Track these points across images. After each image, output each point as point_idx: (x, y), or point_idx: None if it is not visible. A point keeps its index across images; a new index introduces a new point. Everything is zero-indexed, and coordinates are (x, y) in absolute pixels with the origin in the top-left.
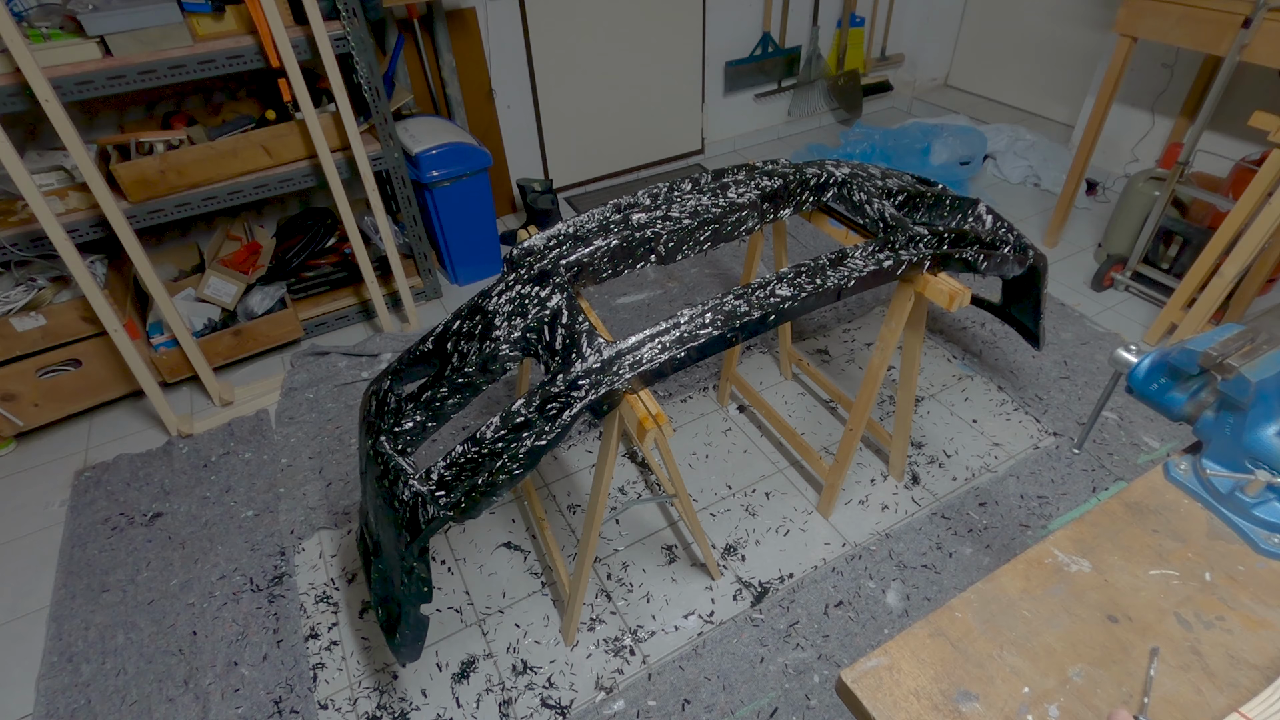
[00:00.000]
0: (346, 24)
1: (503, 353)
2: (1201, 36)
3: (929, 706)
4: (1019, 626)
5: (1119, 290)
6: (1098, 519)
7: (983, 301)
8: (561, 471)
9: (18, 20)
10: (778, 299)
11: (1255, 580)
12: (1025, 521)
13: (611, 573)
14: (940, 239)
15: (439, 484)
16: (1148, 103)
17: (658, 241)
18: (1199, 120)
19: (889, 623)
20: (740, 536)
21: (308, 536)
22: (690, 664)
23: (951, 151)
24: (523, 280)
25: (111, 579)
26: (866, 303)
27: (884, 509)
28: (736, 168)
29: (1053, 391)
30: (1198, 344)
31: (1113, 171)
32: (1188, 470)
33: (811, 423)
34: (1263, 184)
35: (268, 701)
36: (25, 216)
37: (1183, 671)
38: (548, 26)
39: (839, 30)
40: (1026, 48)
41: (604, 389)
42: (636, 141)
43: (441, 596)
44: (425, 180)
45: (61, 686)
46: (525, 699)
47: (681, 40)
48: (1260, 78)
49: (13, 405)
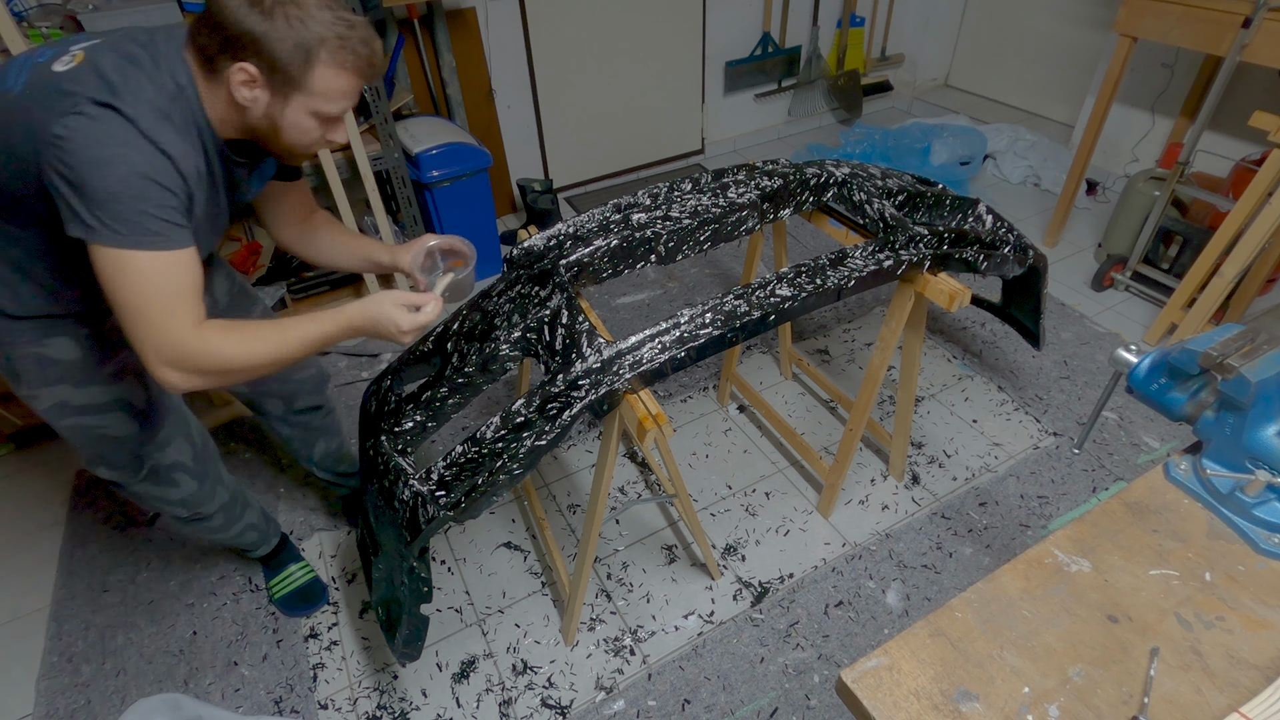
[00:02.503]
0: None
1: (503, 353)
2: (1201, 36)
3: (929, 706)
4: (1019, 626)
5: (1119, 290)
6: (1098, 519)
7: (983, 301)
8: (561, 471)
9: (18, 20)
10: (778, 299)
11: (1255, 580)
12: (1025, 521)
13: (611, 573)
14: (940, 239)
15: (439, 484)
16: (1148, 103)
17: (658, 241)
18: (1199, 120)
19: (889, 623)
20: (740, 536)
21: (307, 537)
22: (690, 664)
23: (951, 151)
24: (523, 280)
25: (111, 579)
26: (866, 303)
27: (884, 509)
28: (736, 168)
29: (1053, 391)
30: (1198, 344)
31: (1113, 171)
32: (1188, 470)
33: (811, 423)
34: (1263, 184)
35: (268, 701)
36: None
37: (1183, 671)
38: (548, 26)
39: (839, 30)
40: (1026, 48)
41: (604, 389)
42: (636, 141)
43: (441, 596)
44: (425, 180)
45: (61, 686)
46: (525, 699)
47: (681, 40)
48: (1260, 78)
49: (13, 405)
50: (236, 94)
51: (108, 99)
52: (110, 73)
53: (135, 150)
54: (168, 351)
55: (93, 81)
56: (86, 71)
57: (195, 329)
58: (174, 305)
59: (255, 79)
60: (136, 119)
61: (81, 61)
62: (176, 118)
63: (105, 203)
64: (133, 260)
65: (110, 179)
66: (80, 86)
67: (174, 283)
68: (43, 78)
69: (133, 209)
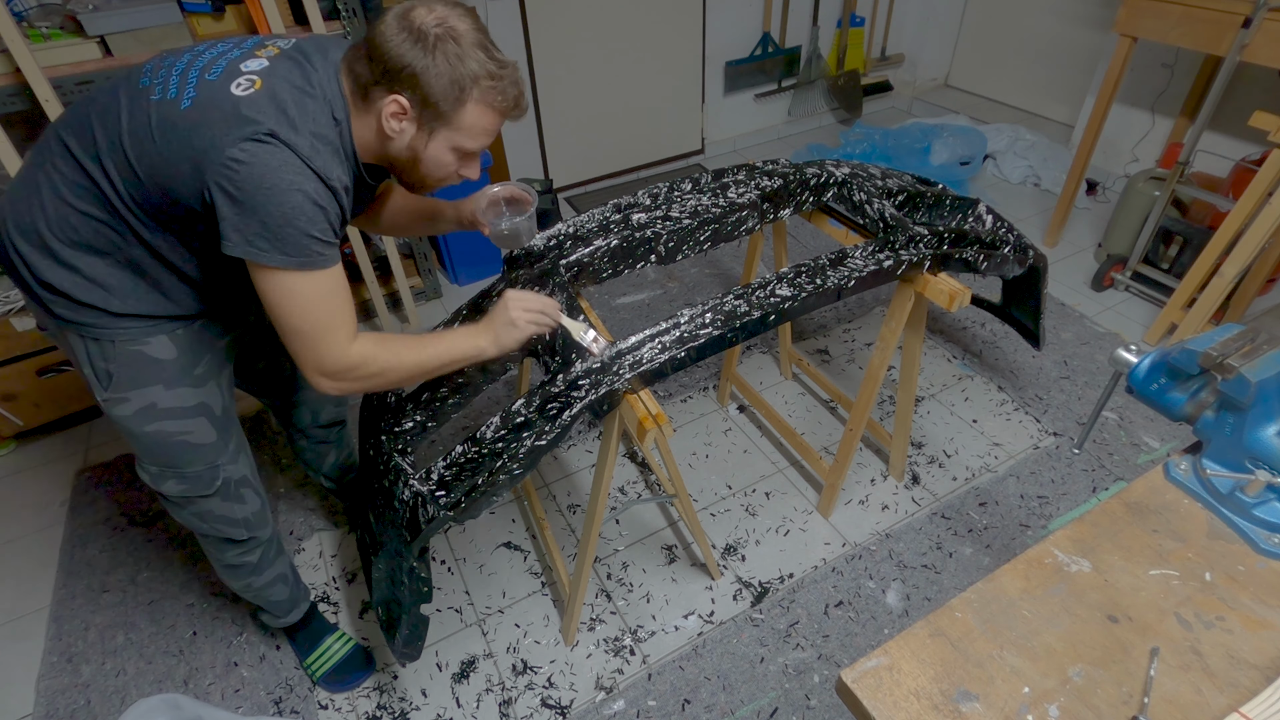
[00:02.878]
0: (346, 24)
1: None
2: (1201, 36)
3: (929, 706)
4: (1019, 626)
5: (1119, 290)
6: (1098, 519)
7: (983, 301)
8: (561, 471)
9: (18, 20)
10: (778, 299)
11: (1255, 580)
12: (1025, 521)
13: (611, 573)
14: (940, 239)
15: (439, 484)
16: (1148, 103)
17: (658, 241)
18: (1199, 120)
19: (889, 623)
20: (740, 536)
21: (307, 537)
22: (690, 664)
23: (951, 151)
24: (523, 280)
25: (111, 579)
26: (866, 303)
27: (884, 509)
28: (736, 168)
29: (1053, 391)
30: (1198, 344)
31: (1113, 171)
32: (1188, 470)
33: (811, 423)
34: (1263, 184)
35: (268, 702)
36: None
37: (1183, 671)
38: (548, 26)
39: (839, 30)
40: (1026, 48)
41: (604, 389)
42: (636, 141)
43: (441, 596)
44: None
45: (61, 686)
46: (525, 699)
47: (681, 40)
48: (1260, 78)
49: (13, 405)
50: (385, 124)
51: (287, 133)
52: (290, 106)
53: (306, 180)
54: (329, 364)
55: (273, 112)
56: (266, 101)
57: (351, 342)
58: (333, 321)
59: (406, 111)
60: (309, 154)
61: (260, 89)
62: (336, 147)
63: (277, 228)
64: (299, 281)
65: (285, 206)
66: (261, 115)
67: (333, 299)
68: (218, 97)
69: (301, 232)
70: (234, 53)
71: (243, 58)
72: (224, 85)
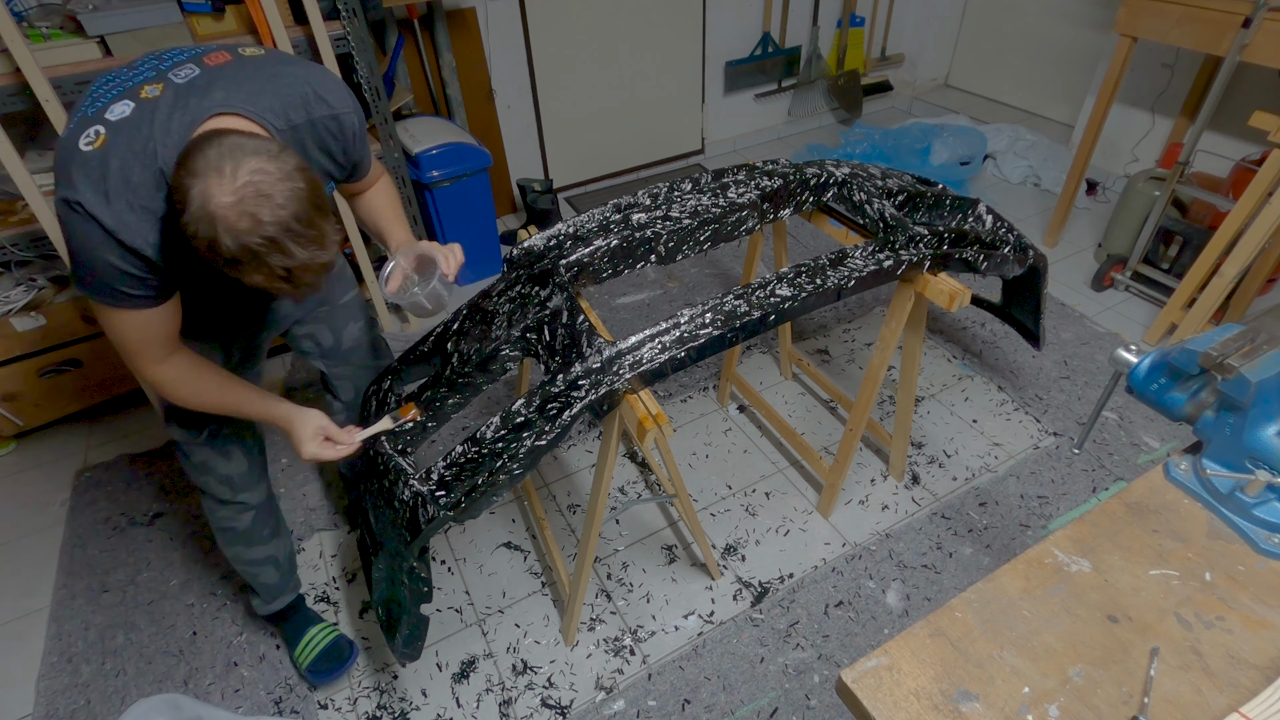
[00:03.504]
0: (346, 24)
1: (503, 353)
2: (1201, 36)
3: (929, 706)
4: (1019, 626)
5: (1119, 290)
6: (1098, 519)
7: (983, 301)
8: (561, 471)
9: (18, 20)
10: (778, 299)
11: (1255, 580)
12: (1025, 521)
13: (611, 573)
14: (940, 239)
15: (439, 484)
16: (1148, 103)
17: (658, 241)
18: (1199, 120)
19: (889, 623)
20: (740, 536)
21: (307, 537)
22: (690, 664)
23: (951, 151)
24: (523, 280)
25: (111, 579)
26: (866, 303)
27: (884, 509)
28: (736, 168)
29: (1053, 391)
30: (1198, 344)
31: (1113, 171)
32: (1188, 470)
33: (811, 423)
34: (1263, 184)
35: (268, 702)
36: (25, 216)
37: (1183, 671)
38: (548, 26)
39: (839, 30)
40: (1026, 48)
41: (604, 389)
42: (636, 141)
43: (441, 596)
44: (425, 180)
45: (61, 687)
46: (525, 699)
47: (681, 40)
48: (1260, 78)
49: (13, 405)
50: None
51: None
52: (112, 174)
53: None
54: (141, 376)
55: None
56: (95, 164)
57: (156, 365)
58: (140, 349)
59: None
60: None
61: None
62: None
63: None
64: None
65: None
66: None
67: (141, 331)
68: (69, 144)
69: (105, 283)
70: (138, 79)
71: (132, 91)
72: (79, 132)
